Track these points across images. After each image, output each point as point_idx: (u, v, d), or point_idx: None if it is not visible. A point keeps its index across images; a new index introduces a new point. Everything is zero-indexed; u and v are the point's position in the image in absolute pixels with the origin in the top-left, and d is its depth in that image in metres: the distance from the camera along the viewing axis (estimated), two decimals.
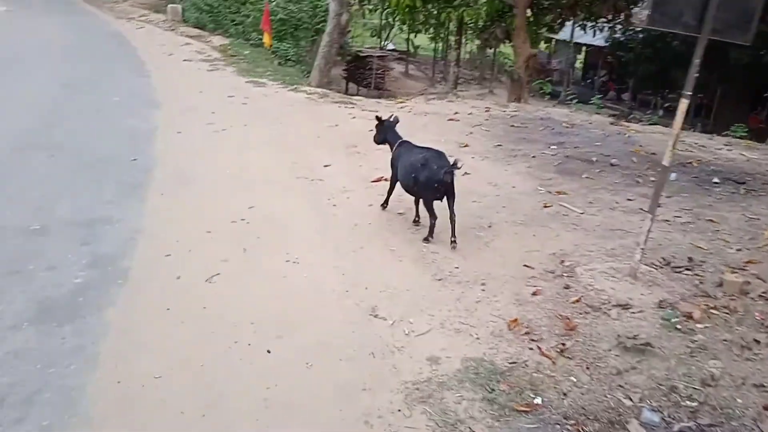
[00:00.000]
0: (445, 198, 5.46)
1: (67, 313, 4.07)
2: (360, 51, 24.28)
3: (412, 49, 32.30)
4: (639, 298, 4.60)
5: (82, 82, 11.48)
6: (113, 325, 3.98)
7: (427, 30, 30.24)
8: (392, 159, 6.00)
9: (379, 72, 24.37)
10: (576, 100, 13.19)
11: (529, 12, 16.89)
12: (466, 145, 8.81)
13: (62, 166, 6.94)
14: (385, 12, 26.19)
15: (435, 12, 17.33)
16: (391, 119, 6.30)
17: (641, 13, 20.31)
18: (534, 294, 4.70)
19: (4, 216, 5.49)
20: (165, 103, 10.38)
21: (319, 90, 12.64)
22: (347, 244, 5.43)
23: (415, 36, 32.19)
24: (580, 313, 4.42)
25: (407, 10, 15.87)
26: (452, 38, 34.31)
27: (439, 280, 4.90)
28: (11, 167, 6.80)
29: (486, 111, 11.18)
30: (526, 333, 4.15)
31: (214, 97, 11.00)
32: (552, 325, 4.25)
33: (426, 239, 5.59)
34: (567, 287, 4.81)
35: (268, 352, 3.78)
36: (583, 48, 29.97)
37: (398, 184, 5.91)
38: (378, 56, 24.51)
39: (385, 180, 6.51)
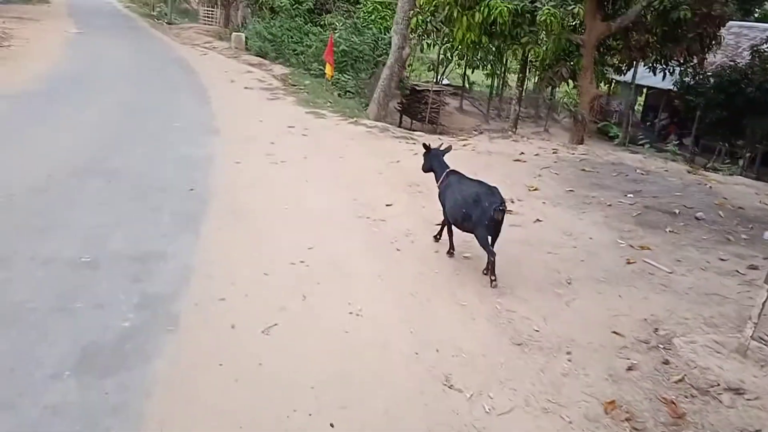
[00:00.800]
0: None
1: (113, 362, 3.72)
2: (416, 85, 24.07)
3: (467, 85, 32.06)
4: (753, 380, 3.97)
5: (144, 106, 11.51)
6: (160, 379, 3.60)
7: (484, 66, 30.12)
8: (440, 191, 5.81)
9: (434, 106, 24.14)
10: (648, 145, 12.50)
11: (595, 52, 16.38)
12: (535, 189, 8.29)
13: (118, 194, 6.74)
14: (444, 47, 26.15)
15: (500, 49, 16.97)
16: (441, 148, 6.12)
17: (714, 57, 19.56)
18: (629, 369, 4.12)
19: (55, 245, 5.25)
20: (224, 130, 10.24)
21: (379, 124, 12.35)
22: (413, 296, 4.96)
23: (472, 72, 32.04)
24: (686, 397, 3.82)
25: (471, 45, 15.55)
26: (509, 75, 34.14)
27: (518, 345, 4.37)
28: (67, 193, 6.63)
29: (554, 153, 10.64)
30: (627, 419, 3.57)
31: (273, 127, 10.82)
32: (655, 410, 3.66)
33: (492, 283, 5.22)
34: (666, 362, 4.21)
35: (332, 426, 3.32)
36: (644, 90, 29.09)
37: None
38: (434, 91, 24.24)
39: None
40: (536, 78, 28.01)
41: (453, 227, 5.72)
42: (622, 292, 5.34)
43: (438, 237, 6.15)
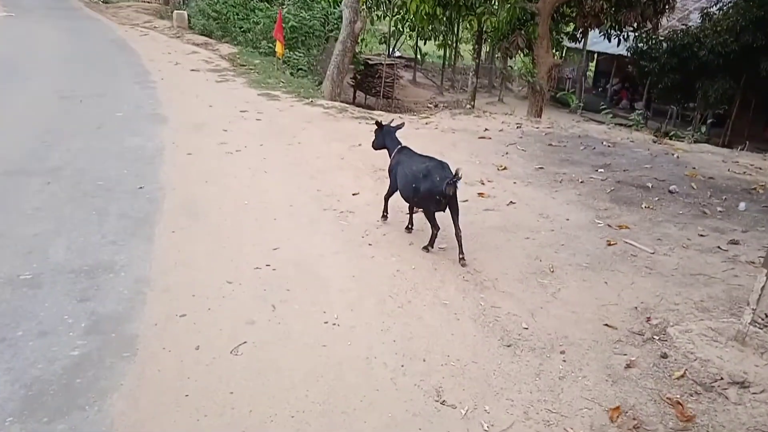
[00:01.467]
0: (448, 211, 5.17)
1: (62, 401, 3.25)
2: (369, 59, 23.47)
3: (419, 57, 31.58)
4: (755, 371, 3.77)
5: (82, 94, 10.69)
6: (117, 420, 3.15)
7: (436, 38, 29.68)
8: (390, 166, 5.76)
9: (388, 80, 23.67)
10: (609, 115, 12.36)
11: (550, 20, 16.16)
12: (504, 168, 8.00)
13: (59, 196, 6.14)
14: (395, 19, 25.54)
15: (454, 20, 16.54)
16: (392, 124, 6.01)
17: (668, 22, 19.61)
18: (628, 366, 3.87)
19: None
20: (172, 118, 9.58)
21: (336, 104, 11.83)
22: (392, 298, 4.60)
23: (425, 43, 31.55)
24: (691, 395, 3.60)
25: (425, 17, 15.07)
26: (461, 45, 33.79)
27: (508, 346, 4.07)
28: (1, 198, 6.00)
29: (518, 128, 10.38)
30: (635, 427, 3.32)
31: (225, 112, 10.19)
32: (662, 414, 3.42)
33: (425, 248, 5.41)
34: (664, 356, 3.99)
35: None
36: (595, 56, 29.17)
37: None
38: (387, 64, 23.71)
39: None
40: (490, 48, 27.82)
41: (391, 196, 5.84)
42: (608, 277, 5.11)
43: (410, 227, 5.84)
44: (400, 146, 5.75)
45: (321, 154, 8.21)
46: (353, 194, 6.73)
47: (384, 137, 5.94)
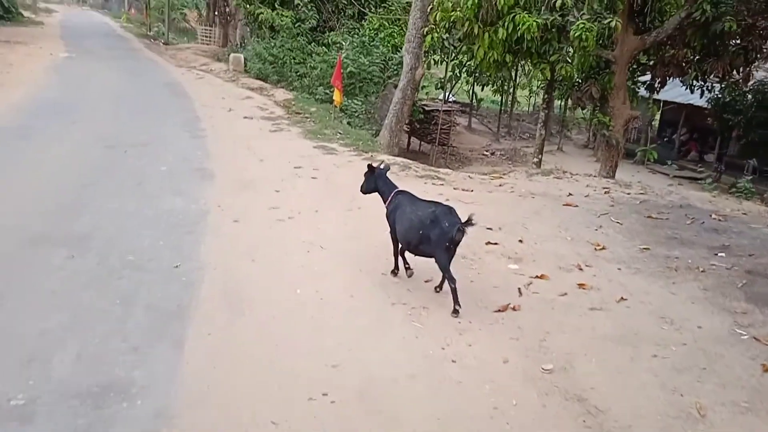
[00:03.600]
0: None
1: None
2: (426, 105, 22.60)
3: (474, 102, 30.68)
4: None
5: (128, 142, 9.98)
6: None
7: (494, 83, 28.74)
8: (388, 212, 5.49)
9: (444, 127, 22.77)
10: (711, 182, 10.94)
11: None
12: (602, 248, 6.72)
13: (80, 276, 5.19)
14: (453, 63, 24.71)
15: (527, 67, 15.48)
16: (382, 167, 5.81)
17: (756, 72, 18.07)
18: None
19: None
20: (219, 174, 8.69)
21: (398, 159, 10.79)
22: None
23: (482, 89, 30.68)
24: None
25: (493, 64, 14.02)
26: (519, 92, 32.79)
27: None
28: (13, 275, 5.09)
29: (606, 193, 9.09)
30: None
31: (277, 168, 9.27)
32: None
33: (455, 311, 4.94)
34: None
35: None
36: (661, 104, 27.58)
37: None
38: (444, 111, 22.82)
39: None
40: (558, 96, 26.60)
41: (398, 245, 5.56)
42: None
43: (396, 271, 5.65)
44: (397, 189, 5.54)
45: (385, 225, 7.09)
46: (426, 281, 5.56)
47: (376, 180, 5.69)
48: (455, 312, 4.91)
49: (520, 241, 6.80)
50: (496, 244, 6.62)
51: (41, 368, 3.87)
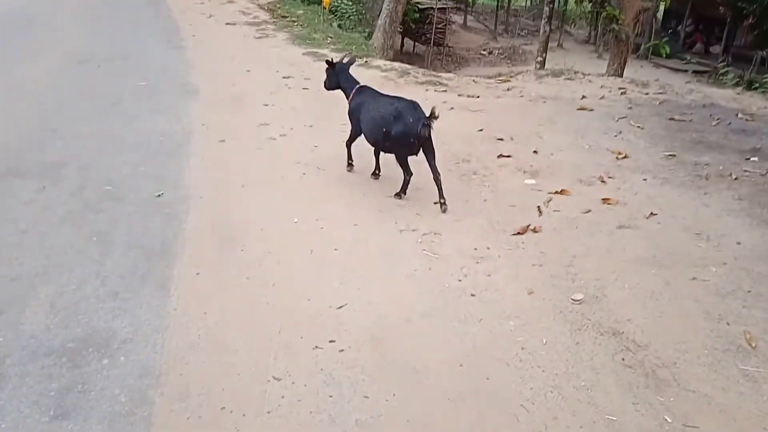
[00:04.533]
0: (422, 154, 4.84)
1: None
2: (420, 3, 21.27)
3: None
4: None
5: (102, 56, 9.16)
6: None
7: None
8: (350, 108, 5.29)
9: (439, 26, 21.59)
10: (732, 75, 10.18)
11: None
12: (624, 156, 6.17)
13: (54, 211, 4.67)
14: None
15: None
16: (344, 60, 5.55)
17: None
18: None
19: None
20: (203, 88, 7.99)
21: (396, 65, 9.97)
22: (525, 409, 2.98)
23: None
24: None
25: None
26: None
27: None
28: None
29: (622, 94, 8.41)
30: None
31: (265, 79, 8.54)
32: None
33: (398, 195, 5.07)
34: None
35: None
36: None
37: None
38: (439, 9, 21.51)
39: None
40: None
41: (353, 141, 5.48)
42: None
43: (377, 173, 5.47)
44: (359, 85, 5.33)
45: None
46: (434, 203, 5.04)
47: (338, 76, 5.45)
48: (398, 195, 5.06)
49: (535, 152, 6.24)
50: (509, 156, 6.07)
51: (11, 322, 3.42)
